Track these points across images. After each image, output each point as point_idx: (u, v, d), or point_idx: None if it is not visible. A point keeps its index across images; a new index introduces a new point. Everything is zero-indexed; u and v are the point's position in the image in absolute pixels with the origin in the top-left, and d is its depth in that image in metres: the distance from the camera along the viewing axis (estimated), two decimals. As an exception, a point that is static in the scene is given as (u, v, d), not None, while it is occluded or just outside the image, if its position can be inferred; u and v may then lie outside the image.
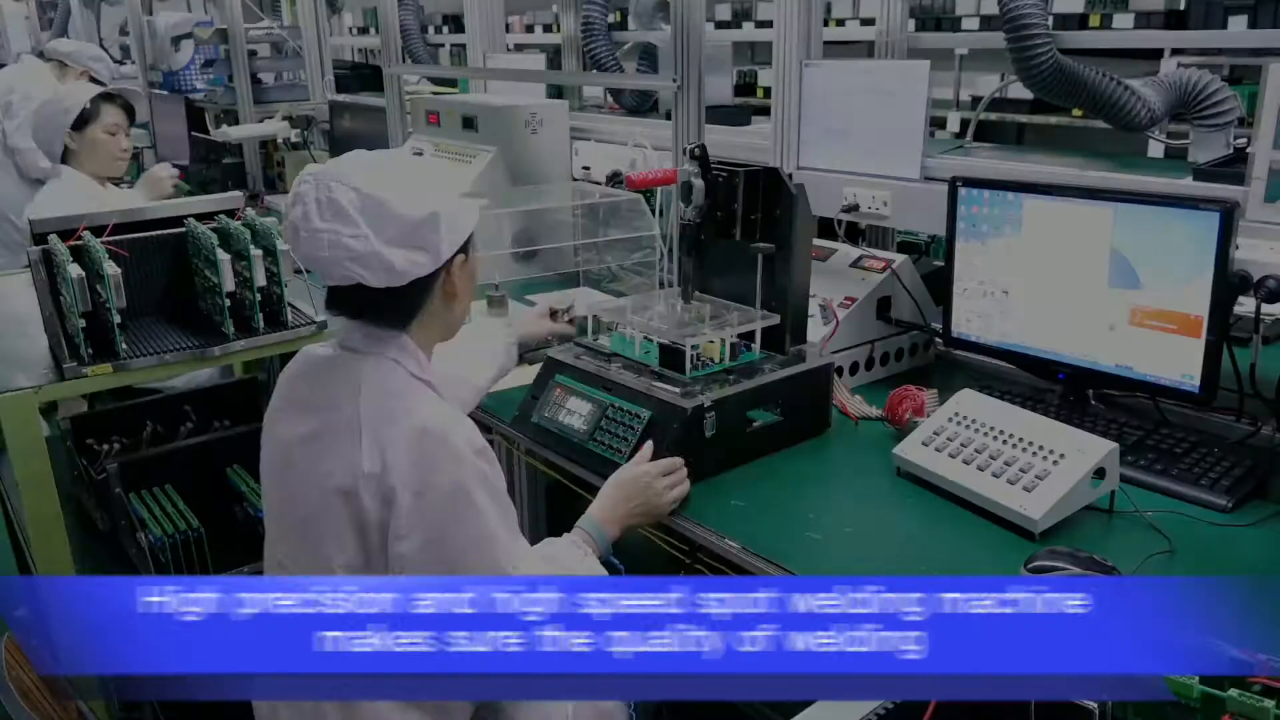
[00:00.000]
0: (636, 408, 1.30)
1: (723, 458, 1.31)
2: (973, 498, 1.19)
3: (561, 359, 1.44)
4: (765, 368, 1.38)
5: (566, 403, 1.38)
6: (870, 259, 1.68)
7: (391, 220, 0.94)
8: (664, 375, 1.33)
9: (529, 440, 1.43)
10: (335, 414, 0.96)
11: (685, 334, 1.34)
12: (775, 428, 1.39)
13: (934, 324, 1.66)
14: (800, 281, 1.42)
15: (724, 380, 1.34)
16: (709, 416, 1.27)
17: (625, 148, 2.26)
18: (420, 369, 1.00)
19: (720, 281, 1.51)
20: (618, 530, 1.17)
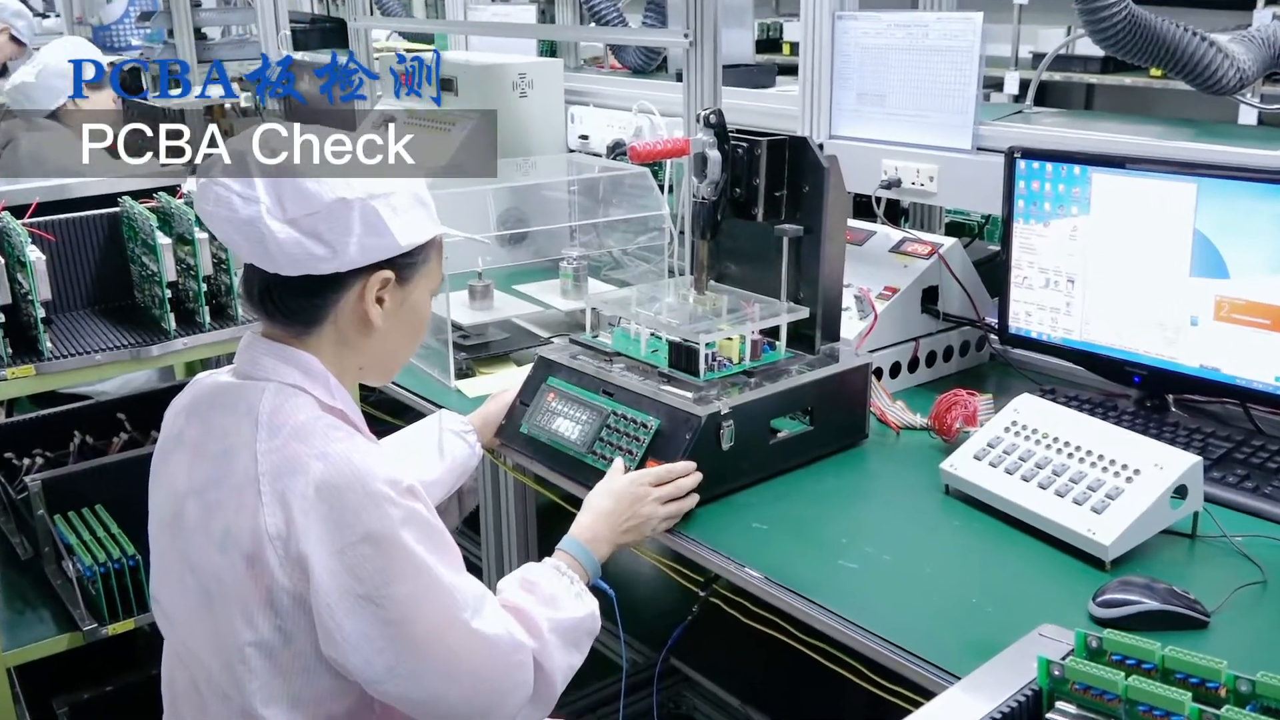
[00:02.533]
0: (642, 415, 1.30)
1: (742, 473, 1.32)
2: (1033, 520, 1.20)
3: (555, 359, 1.45)
4: (792, 369, 1.39)
5: (561, 409, 1.39)
6: (914, 243, 1.69)
7: (295, 193, 0.90)
8: (674, 378, 1.34)
9: (517, 453, 1.43)
10: (231, 460, 0.92)
11: (699, 330, 1.35)
12: (803, 439, 1.39)
13: (988, 318, 1.67)
14: (832, 269, 1.43)
15: (744, 384, 1.34)
16: (726, 425, 1.28)
17: (629, 114, 2.27)
18: (331, 396, 0.97)
19: (739, 269, 1.52)
20: (607, 549, 1.17)
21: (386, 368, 1.05)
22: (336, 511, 0.89)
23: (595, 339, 1.47)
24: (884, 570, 1.15)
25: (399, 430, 1.38)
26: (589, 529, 1.17)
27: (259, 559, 0.90)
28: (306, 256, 0.92)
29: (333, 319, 0.97)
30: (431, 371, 1.76)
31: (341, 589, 0.89)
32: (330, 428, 0.93)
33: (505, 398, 1.46)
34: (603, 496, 1.20)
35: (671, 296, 1.49)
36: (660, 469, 1.23)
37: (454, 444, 1.37)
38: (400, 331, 1.01)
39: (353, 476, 0.89)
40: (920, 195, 1.73)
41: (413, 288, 1.00)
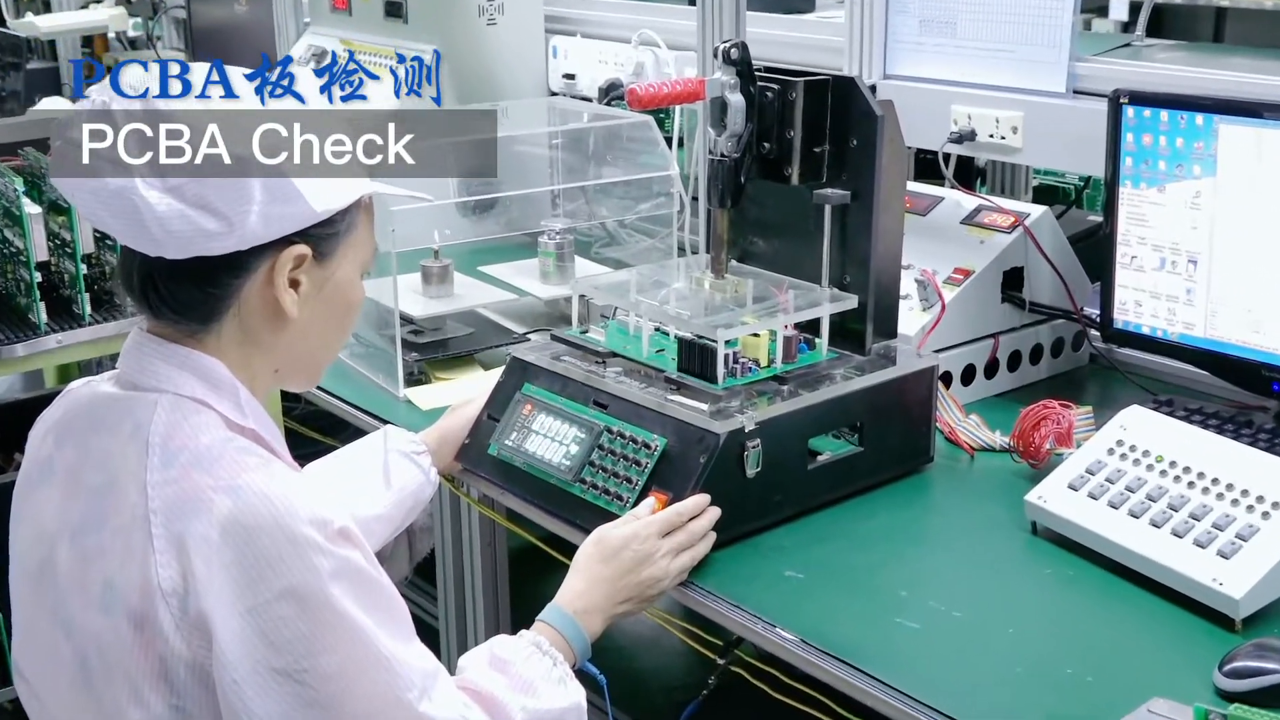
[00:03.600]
0: (644, 433, 1.31)
1: (773, 507, 1.33)
2: (1143, 566, 1.20)
3: (532, 360, 1.45)
4: (836, 374, 1.39)
5: (540, 425, 1.39)
6: (992, 212, 1.70)
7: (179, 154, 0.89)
8: (685, 385, 1.34)
9: (484, 480, 1.44)
10: (114, 495, 0.92)
11: (717, 323, 1.35)
12: (851, 463, 1.40)
13: (1087, 309, 1.68)
14: (887, 246, 1.43)
15: (774, 392, 1.35)
16: (752, 446, 1.28)
17: (627, 47, 2.26)
18: (241, 411, 0.97)
19: (769, 246, 1.52)
20: (600, 624, 1.17)
21: (309, 369, 1.05)
22: (248, 561, 0.89)
23: (584, 335, 1.47)
24: (953, 631, 1.16)
25: (331, 453, 1.39)
26: (581, 598, 1.17)
27: (149, 621, 0.90)
28: (195, 234, 0.91)
29: (235, 311, 0.97)
30: (374, 377, 1.77)
31: (253, 660, 0.88)
32: (240, 452, 0.93)
33: (468, 411, 1.46)
34: (599, 557, 1.20)
35: (682, 281, 1.50)
36: (668, 513, 1.23)
37: (403, 470, 1.37)
38: (323, 322, 1.01)
39: (269, 516, 0.89)
40: (1000, 151, 1.74)
41: (336, 265, 0.99)
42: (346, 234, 1.00)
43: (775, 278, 1.47)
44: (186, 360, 0.96)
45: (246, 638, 0.88)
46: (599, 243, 2.26)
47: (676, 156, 2.03)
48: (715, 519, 1.25)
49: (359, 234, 1.01)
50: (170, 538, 0.89)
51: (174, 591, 0.89)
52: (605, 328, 1.48)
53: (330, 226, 0.98)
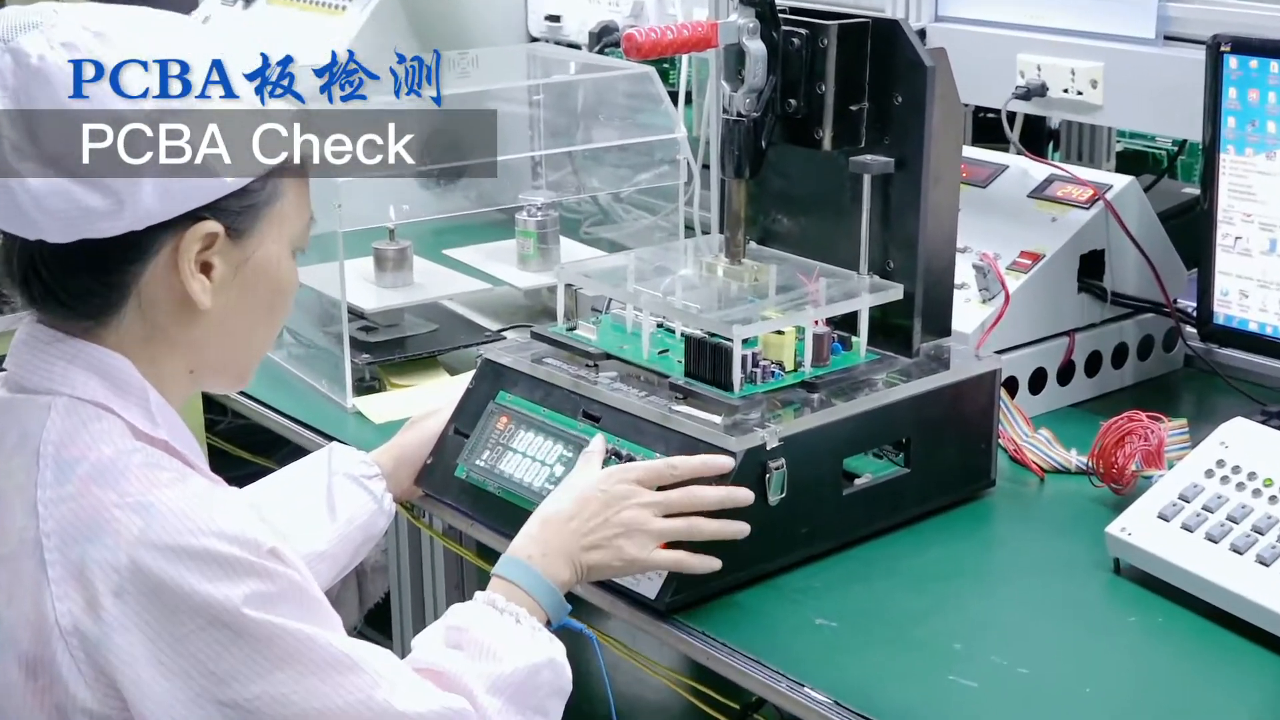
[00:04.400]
0: (646, 452, 1.30)
1: (800, 541, 1.33)
2: (1247, 612, 1.19)
3: (508, 364, 1.45)
4: (877, 380, 1.40)
5: (519, 442, 1.39)
6: (1067, 184, 1.70)
7: (54, 118, 0.90)
8: (693, 393, 1.34)
9: (449, 509, 1.44)
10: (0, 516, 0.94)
11: (733, 318, 1.36)
12: (895, 488, 1.40)
13: (1181, 302, 1.68)
14: (940, 225, 1.44)
15: (802, 402, 1.35)
16: (775, 467, 1.28)
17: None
18: (150, 420, 0.97)
19: (796, 224, 1.53)
20: (566, 567, 1.19)
21: (232, 368, 1.06)
22: (166, 590, 0.89)
23: (572, 332, 1.47)
24: (1019, 691, 1.15)
25: (263, 478, 1.39)
26: (535, 541, 1.19)
27: (44, 665, 0.90)
28: (79, 214, 0.91)
29: (136, 302, 0.97)
30: (315, 383, 1.78)
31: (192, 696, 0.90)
32: (150, 466, 0.94)
33: (431, 425, 1.46)
34: (559, 497, 1.22)
35: (690, 267, 1.50)
36: (655, 463, 1.24)
37: (351, 497, 1.38)
38: (244, 312, 1.01)
39: (188, 536, 0.90)
40: (1076, 109, 1.74)
41: (256, 243, 1.00)
42: (269, 205, 1.00)
43: (803, 263, 1.47)
44: (87, 356, 0.97)
45: (176, 678, 0.89)
46: (589, 220, 2.26)
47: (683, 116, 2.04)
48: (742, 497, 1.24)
49: (286, 204, 1.01)
50: (68, 565, 0.90)
51: (74, 630, 0.89)
52: (597, 324, 1.48)
53: (245, 197, 0.98)
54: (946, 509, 1.44)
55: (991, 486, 1.47)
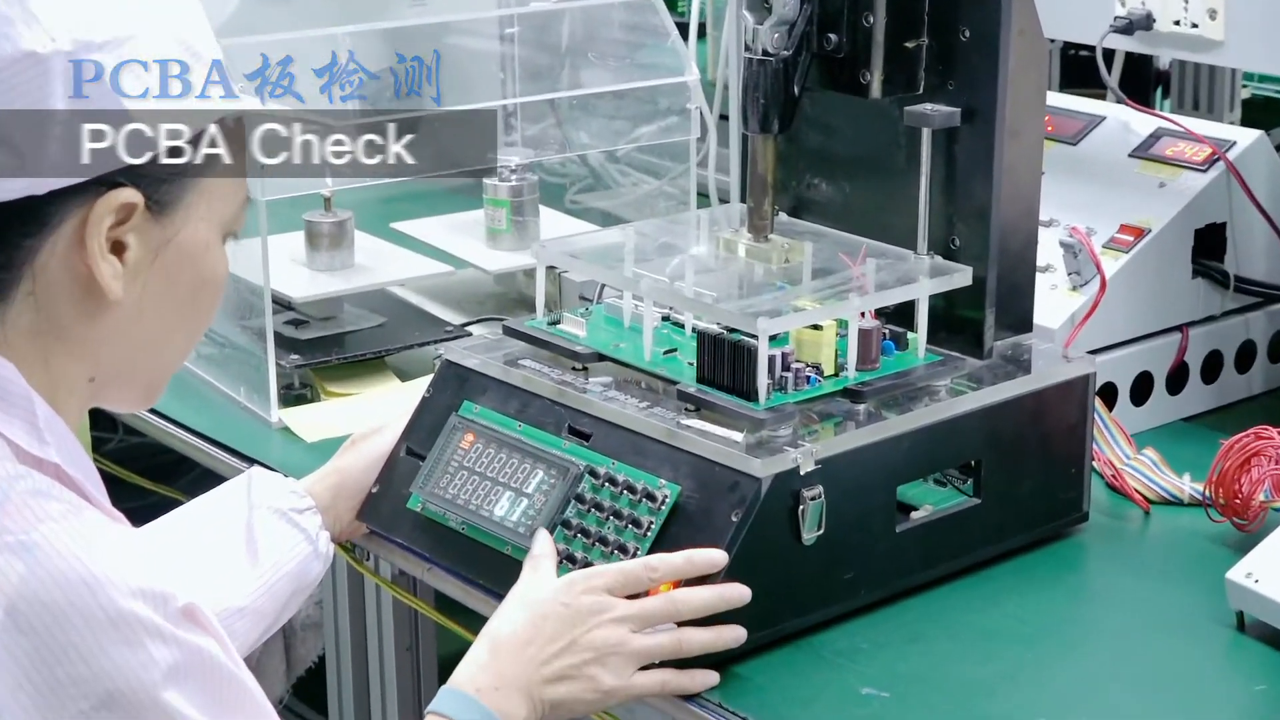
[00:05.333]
0: (647, 478, 1.31)
1: (841, 590, 1.33)
2: None
3: (474, 366, 1.46)
4: (939, 387, 1.40)
5: (487, 466, 1.39)
6: (1179, 140, 1.71)
7: None
8: (708, 403, 1.34)
9: (401, 550, 1.45)
10: None
11: (758, 309, 1.35)
12: (961, 523, 1.41)
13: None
14: (1019, 192, 1.44)
15: (845, 415, 1.35)
16: (811, 497, 1.29)
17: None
18: (37, 438, 0.97)
19: (837, 191, 1.53)
20: (523, 703, 1.20)
21: (142, 379, 1.06)
22: (52, 653, 0.90)
23: (555, 328, 1.47)
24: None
25: (167, 513, 1.39)
26: (486, 670, 1.20)
27: None
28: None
29: (29, 286, 0.98)
30: (232, 392, 1.79)
31: None
32: (36, 495, 0.94)
33: (377, 444, 1.47)
34: (511, 614, 1.23)
35: (704, 244, 1.50)
36: (633, 564, 1.25)
37: (277, 535, 1.38)
38: (163, 307, 1.02)
39: (81, 586, 0.90)
40: (1191, 46, 1.74)
41: (182, 221, 1.01)
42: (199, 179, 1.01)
43: (846, 239, 1.47)
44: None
45: None
46: (577, 186, 2.27)
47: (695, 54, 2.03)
48: (736, 597, 1.25)
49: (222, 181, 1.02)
50: None
51: None
52: (587, 317, 1.48)
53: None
54: (1026, 550, 1.44)
55: (1083, 521, 1.48)
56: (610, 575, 1.24)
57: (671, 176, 2.07)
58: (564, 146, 2.14)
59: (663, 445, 1.32)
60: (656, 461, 1.31)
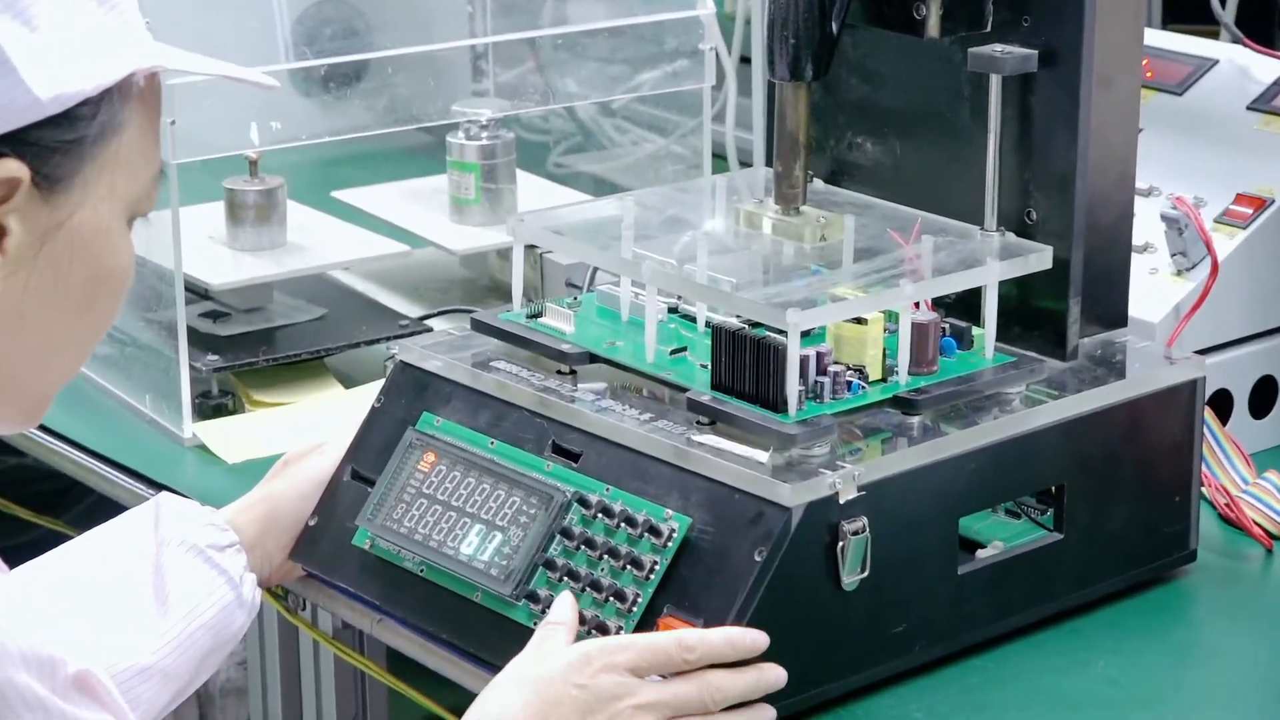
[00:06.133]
0: (651, 508, 1.32)
1: (891, 647, 1.34)
2: None
3: (437, 369, 1.47)
4: (1011, 396, 1.41)
5: (451, 493, 1.40)
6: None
7: None
8: (727, 415, 1.35)
9: (344, 598, 1.46)
10: None
11: (788, 299, 1.36)
12: (1039, 564, 1.41)
13: None
14: (1110, 152, 1.44)
15: (896, 430, 1.36)
16: (853, 532, 1.29)
17: None
18: None
19: (885, 152, 1.54)
20: None
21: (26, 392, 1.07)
22: None
23: (536, 321, 1.49)
24: None
25: (61, 547, 1.40)
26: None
27: None
28: None
29: None
30: (135, 401, 1.79)
31: None
32: None
33: (316, 467, 1.49)
34: (506, 694, 1.24)
35: (720, 218, 1.50)
36: (664, 639, 1.25)
37: (191, 578, 1.39)
38: (50, 305, 1.03)
39: None
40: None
41: (78, 202, 1.01)
42: (100, 144, 1.00)
43: (896, 212, 1.48)
44: None
45: None
46: (563, 145, 2.29)
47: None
48: (775, 680, 1.26)
49: (126, 146, 1.02)
50: None
51: None
52: (576, 308, 1.49)
53: (67, 128, 0.99)
54: (1120, 597, 1.44)
55: (1190, 561, 1.48)
56: (636, 651, 1.24)
57: (680, 134, 2.08)
58: (547, 97, 2.13)
59: (669, 467, 1.32)
60: (662, 487, 1.32)
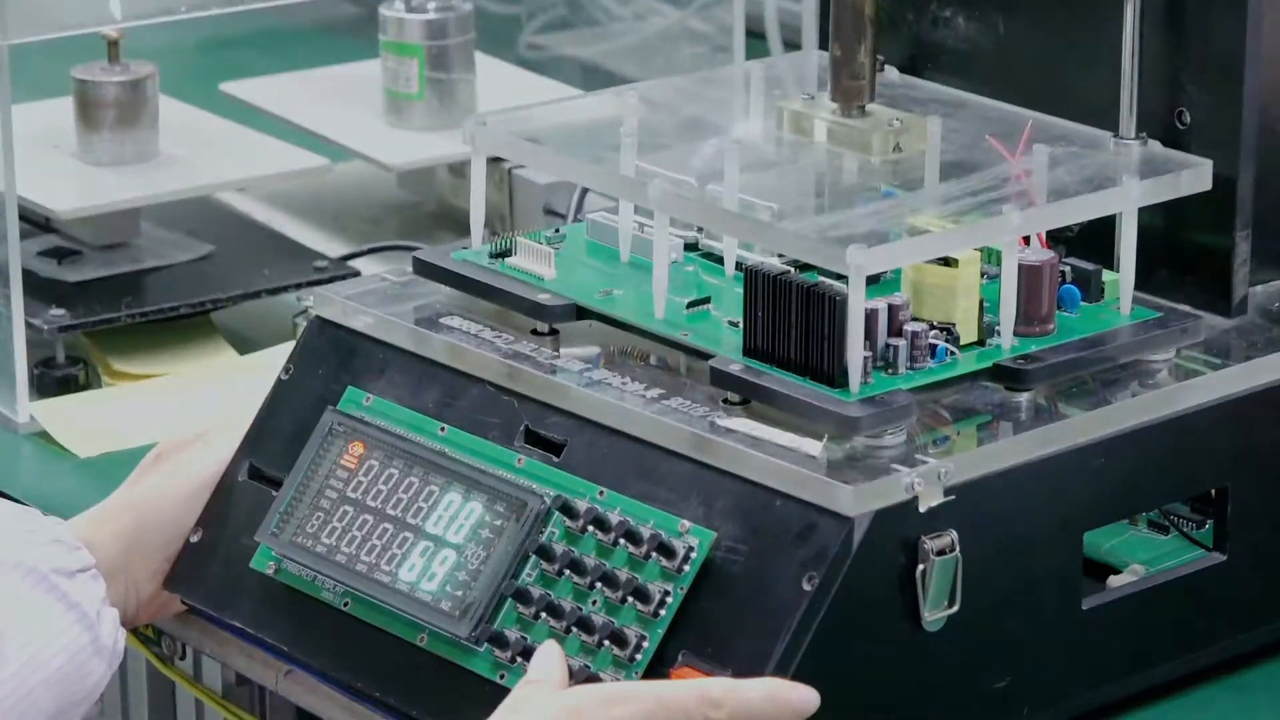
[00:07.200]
0: (661, 518, 1.33)
1: (986, 707, 1.35)
2: None
3: (363, 328, 1.49)
4: (1156, 367, 1.43)
5: (385, 496, 1.42)
6: None
7: None
8: (765, 392, 1.36)
9: (236, 637, 1.47)
10: None
11: (850, 231, 1.37)
12: (1193, 593, 1.43)
13: None
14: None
15: (998, 412, 1.38)
16: (938, 552, 1.29)
17: None
18: None
19: (984, 29, 1.55)
20: None
21: None
22: None
23: (504, 263, 1.51)
24: None
25: None
26: None
27: None
28: None
29: None
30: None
31: None
32: None
33: (200, 463, 1.52)
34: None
35: (758, 120, 1.53)
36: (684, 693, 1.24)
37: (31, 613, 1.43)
38: None
39: None
40: None
41: None
42: None
43: (999, 112, 1.51)
44: None
45: None
46: (539, 20, 2.33)
47: None
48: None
49: None
50: None
51: None
52: (558, 244, 1.51)
53: None
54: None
55: None
56: (642, 705, 1.23)
57: (702, 4, 2.08)
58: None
59: (686, 463, 1.32)
60: (676, 491, 1.32)
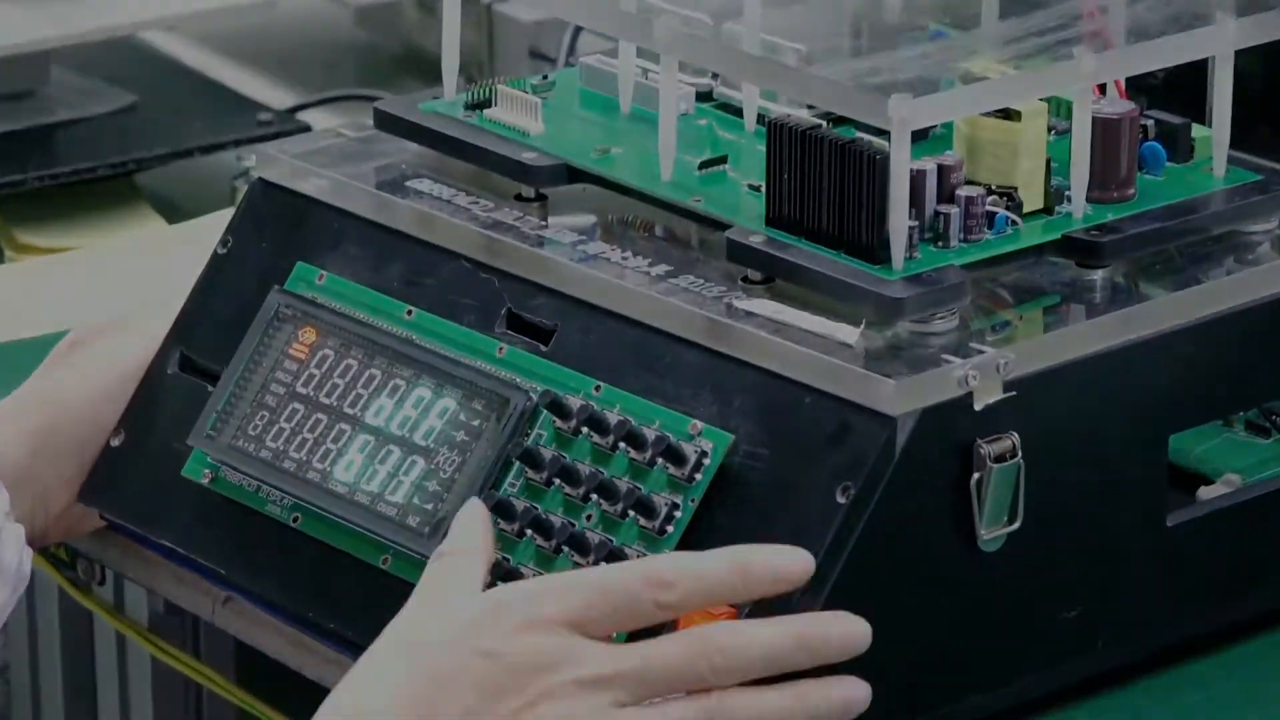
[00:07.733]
0: (670, 417, 1.33)
1: (1054, 641, 1.35)
2: None
3: (314, 192, 1.50)
4: (1255, 239, 1.44)
5: (341, 391, 1.44)
6: None
7: None
8: (792, 267, 1.36)
9: (165, 558, 1.48)
10: None
11: (890, 74, 1.38)
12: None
13: None
14: None
15: (1067, 292, 1.38)
16: (995, 456, 1.29)
17: None
18: None
19: None
20: None
21: None
22: None
23: (482, 115, 1.52)
24: None
25: None
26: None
27: None
28: None
29: None
30: None
31: None
32: None
33: (121, 353, 1.55)
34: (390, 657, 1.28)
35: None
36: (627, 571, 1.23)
37: None
38: None
39: None
40: None
41: None
42: None
43: None
44: None
45: None
46: None
47: None
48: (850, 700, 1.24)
49: None
50: None
51: None
52: (546, 92, 1.52)
53: None
54: None
55: None
56: (579, 595, 1.22)
57: None
58: None
59: (699, 352, 1.32)
60: (686, 385, 1.32)
